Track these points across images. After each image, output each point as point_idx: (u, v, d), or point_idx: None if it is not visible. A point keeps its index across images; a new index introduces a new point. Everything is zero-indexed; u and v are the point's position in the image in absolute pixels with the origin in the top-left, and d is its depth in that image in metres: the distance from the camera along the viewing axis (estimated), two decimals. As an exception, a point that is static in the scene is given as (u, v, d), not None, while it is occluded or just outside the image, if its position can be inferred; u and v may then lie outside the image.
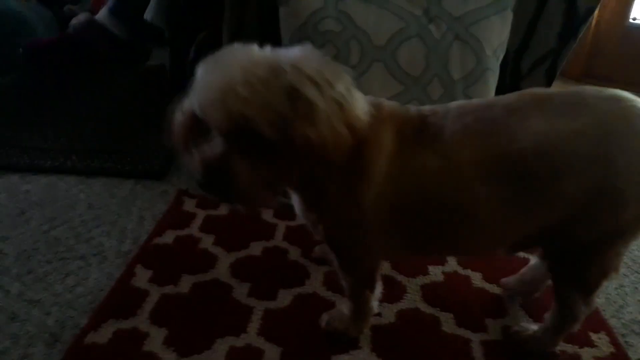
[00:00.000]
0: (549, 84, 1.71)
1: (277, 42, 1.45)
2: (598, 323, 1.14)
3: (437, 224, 0.87)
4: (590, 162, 0.77)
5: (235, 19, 1.53)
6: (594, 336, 1.09)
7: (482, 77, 1.46)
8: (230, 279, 1.14)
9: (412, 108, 0.90)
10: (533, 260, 1.16)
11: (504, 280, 1.21)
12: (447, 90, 1.43)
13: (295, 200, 0.95)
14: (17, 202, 1.38)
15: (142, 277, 1.12)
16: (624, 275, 1.34)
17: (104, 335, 0.97)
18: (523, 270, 1.18)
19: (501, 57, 1.54)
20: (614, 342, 1.08)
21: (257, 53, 0.75)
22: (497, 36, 1.49)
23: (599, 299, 1.23)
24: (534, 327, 1.05)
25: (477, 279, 1.23)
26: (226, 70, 0.71)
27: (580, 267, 0.89)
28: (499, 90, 1.52)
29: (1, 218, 1.31)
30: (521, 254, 1.33)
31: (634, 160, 0.76)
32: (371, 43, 1.40)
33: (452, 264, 1.27)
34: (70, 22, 2.16)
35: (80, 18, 2.11)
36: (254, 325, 1.02)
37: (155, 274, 1.13)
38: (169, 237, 1.26)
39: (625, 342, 1.10)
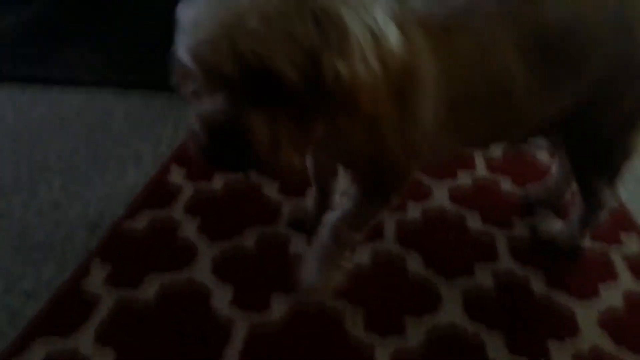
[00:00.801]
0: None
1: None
2: (629, 223, 1.12)
3: (485, 109, 0.82)
4: (613, 33, 0.77)
5: None
6: (623, 235, 1.09)
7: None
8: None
9: (416, 6, 0.79)
10: (554, 167, 1.14)
11: (529, 187, 1.20)
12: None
13: None
14: (58, 113, 1.43)
15: (176, 174, 1.16)
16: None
17: (140, 222, 1.02)
18: (546, 178, 1.17)
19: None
20: (644, 241, 1.07)
21: None
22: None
23: (634, 205, 1.21)
24: (560, 223, 1.05)
25: (506, 182, 1.22)
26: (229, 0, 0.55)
27: (604, 149, 0.89)
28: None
29: (43, 126, 1.37)
30: (545, 161, 1.30)
31: None
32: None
33: (480, 168, 1.26)
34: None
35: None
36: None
37: (189, 172, 1.17)
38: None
39: (657, 241, 1.09)
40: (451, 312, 0.87)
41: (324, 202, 1.01)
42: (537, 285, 0.94)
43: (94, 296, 0.84)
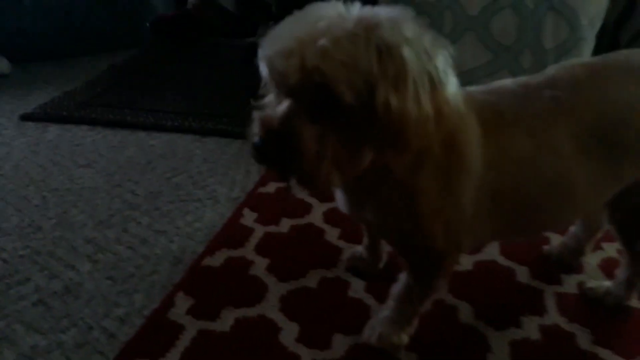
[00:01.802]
0: (649, 55, 1.67)
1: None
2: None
3: (537, 204, 0.84)
4: None
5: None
6: (674, 296, 1.12)
7: (575, 47, 1.49)
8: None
9: (472, 90, 0.82)
10: (574, 227, 1.17)
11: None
12: (538, 60, 1.47)
13: (348, 199, 0.85)
14: (144, 154, 1.60)
15: (248, 218, 1.29)
16: None
17: (217, 259, 1.14)
18: (564, 238, 1.20)
19: (598, 26, 1.54)
20: (695, 303, 1.10)
21: (346, 8, 0.65)
22: (595, 5, 1.50)
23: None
24: (608, 283, 1.09)
25: (555, 238, 1.27)
26: (308, 21, 0.63)
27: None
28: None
29: (132, 166, 1.53)
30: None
31: None
32: (464, 13, 1.47)
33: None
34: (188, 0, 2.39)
35: (198, -5, 2.34)
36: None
37: (259, 216, 1.30)
38: (271, 188, 1.42)
39: None
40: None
41: (375, 251, 1.11)
42: (583, 341, 1.00)
43: (178, 326, 0.96)
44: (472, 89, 0.84)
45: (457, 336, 0.99)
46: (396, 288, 0.92)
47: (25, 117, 1.82)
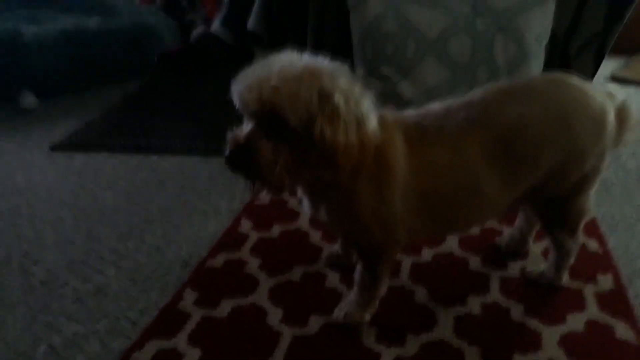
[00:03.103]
0: (597, 64, 1.88)
1: (350, 43, 1.80)
2: (607, 267, 1.36)
3: (454, 204, 1.05)
4: (558, 133, 1.02)
5: (317, 25, 1.89)
6: (600, 276, 1.32)
7: (524, 62, 1.70)
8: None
9: (405, 114, 1.05)
10: (517, 220, 1.39)
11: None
12: (492, 75, 1.69)
13: (308, 203, 1.07)
14: (157, 175, 1.86)
15: (245, 226, 1.53)
16: (652, 232, 1.53)
17: (218, 261, 1.39)
18: (511, 230, 1.42)
19: (544, 42, 1.75)
20: (616, 281, 1.31)
21: (298, 58, 0.88)
22: (538, 25, 1.71)
23: (618, 251, 1.44)
24: (543, 266, 1.31)
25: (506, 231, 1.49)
26: (266, 66, 0.85)
27: (562, 211, 1.15)
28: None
29: (147, 186, 1.79)
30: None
31: (586, 125, 1.02)
32: (424, 38, 1.69)
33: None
34: (191, 35, 2.66)
35: (199, 30, 2.61)
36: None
37: (254, 224, 1.54)
38: (266, 199, 1.66)
39: (630, 282, 1.32)
40: (443, 332, 1.17)
41: (347, 248, 1.34)
42: (516, 314, 1.22)
43: (186, 314, 1.20)
44: (407, 112, 1.09)
45: (411, 314, 1.22)
46: (356, 275, 1.15)
47: (54, 148, 2.09)
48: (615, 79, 2.94)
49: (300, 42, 1.96)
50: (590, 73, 1.89)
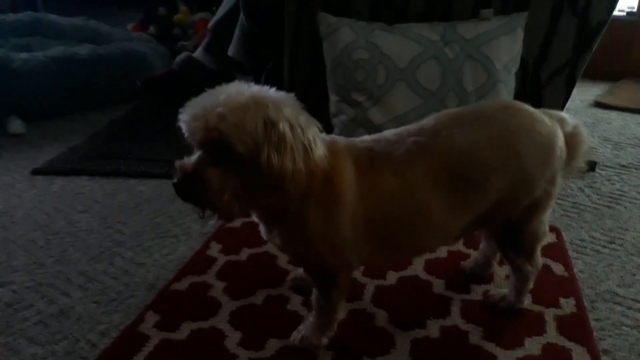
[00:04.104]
0: (569, 91, 1.91)
1: (324, 70, 1.84)
2: (570, 290, 1.37)
3: (402, 229, 1.06)
4: (505, 160, 1.04)
5: (291, 52, 1.93)
6: (562, 300, 1.33)
7: (493, 89, 1.73)
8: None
9: (357, 140, 1.08)
10: (481, 244, 1.40)
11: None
12: (462, 101, 1.72)
13: (263, 228, 1.08)
14: (133, 199, 1.88)
15: (214, 249, 1.55)
16: (617, 256, 1.54)
17: (183, 284, 1.39)
18: (476, 254, 1.44)
19: (514, 70, 1.79)
20: (578, 305, 1.31)
21: (245, 88, 0.90)
22: (507, 52, 1.75)
23: (584, 274, 1.45)
24: (505, 290, 1.31)
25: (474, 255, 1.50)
26: (213, 95, 0.88)
27: (516, 236, 1.16)
28: (521, 98, 1.74)
29: (122, 209, 1.81)
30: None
31: (534, 151, 1.04)
32: (395, 66, 1.73)
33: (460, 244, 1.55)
34: (175, 60, 2.71)
35: (182, 57, 2.66)
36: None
37: (223, 247, 1.55)
38: (237, 222, 1.68)
39: (592, 306, 1.33)
40: (399, 356, 1.17)
41: None
42: (474, 337, 1.22)
43: (145, 336, 1.21)
44: (361, 138, 1.11)
45: (369, 337, 1.22)
46: (312, 299, 1.16)
47: (35, 172, 2.11)
48: (598, 104, 2.98)
49: (278, 69, 2.00)
50: (562, 99, 1.93)
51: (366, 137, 1.11)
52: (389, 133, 1.11)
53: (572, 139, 1.12)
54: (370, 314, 1.29)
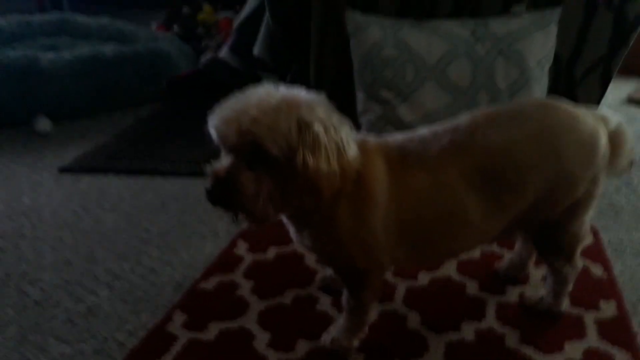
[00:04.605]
0: (604, 88, 1.85)
1: (350, 68, 1.81)
2: (611, 293, 1.31)
3: (436, 231, 1.03)
4: (544, 158, 1.00)
5: (318, 51, 1.91)
6: (602, 302, 1.28)
7: (525, 85, 1.68)
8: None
9: (389, 139, 1.05)
10: (517, 245, 1.35)
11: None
12: (493, 99, 1.67)
13: (293, 229, 1.06)
14: (160, 198, 1.88)
15: (241, 248, 1.53)
16: (659, 256, 1.48)
17: (211, 283, 1.38)
18: (511, 255, 1.38)
19: (547, 66, 1.74)
20: (620, 308, 1.26)
21: (275, 90, 0.89)
22: (540, 49, 1.70)
23: (624, 277, 1.40)
24: (542, 292, 1.27)
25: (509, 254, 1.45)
26: (244, 98, 0.87)
27: (556, 237, 1.12)
28: (554, 96, 1.70)
29: (149, 208, 1.80)
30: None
31: (574, 150, 1.00)
32: (424, 63, 1.69)
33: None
34: (200, 60, 2.70)
35: (207, 56, 2.66)
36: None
37: (250, 246, 1.53)
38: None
39: (635, 310, 1.27)
40: (432, 359, 1.13)
41: None
42: (511, 341, 1.18)
43: (173, 336, 1.19)
44: (394, 136, 1.08)
45: (402, 339, 1.19)
46: (343, 301, 1.13)
47: (63, 170, 2.12)
48: (632, 101, 2.89)
49: (304, 68, 1.97)
50: (597, 96, 1.87)
51: (398, 135, 1.08)
52: (422, 131, 1.07)
53: (615, 138, 1.07)
54: (402, 315, 1.26)
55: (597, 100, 1.88)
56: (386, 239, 1.00)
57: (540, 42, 1.69)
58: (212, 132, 0.89)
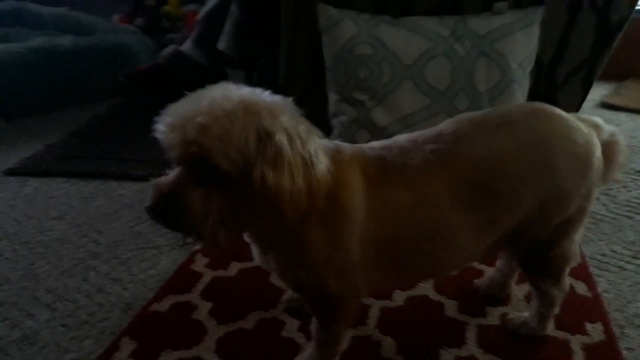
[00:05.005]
0: (585, 92, 1.77)
1: (322, 65, 1.68)
2: (597, 314, 1.23)
3: (419, 252, 0.92)
4: (537, 172, 0.90)
5: (288, 47, 1.78)
6: (588, 326, 1.19)
7: (507, 89, 1.59)
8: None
9: (365, 148, 0.93)
10: (498, 262, 1.26)
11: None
12: (473, 102, 1.58)
13: (256, 251, 0.94)
14: (112, 204, 1.72)
15: (200, 263, 1.39)
16: (644, 274, 1.40)
17: (164, 305, 1.24)
18: (492, 272, 1.29)
19: (529, 68, 1.65)
20: (607, 332, 1.17)
21: (233, 91, 0.76)
22: (522, 50, 1.61)
23: (609, 294, 1.31)
24: (526, 314, 1.17)
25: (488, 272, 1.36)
26: (195, 101, 0.74)
27: (544, 257, 1.02)
28: (534, 100, 1.60)
29: (100, 216, 1.65)
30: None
31: (569, 162, 0.90)
32: (401, 63, 1.58)
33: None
34: (160, 53, 2.54)
35: (169, 49, 2.49)
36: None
37: (210, 261, 1.40)
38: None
39: (622, 332, 1.19)
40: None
41: None
42: (494, 371, 1.08)
43: (119, 369, 1.06)
44: (370, 144, 0.96)
45: (376, 369, 1.07)
46: (312, 329, 1.01)
47: (8, 172, 1.95)
48: (605, 105, 2.84)
49: (272, 63, 1.84)
50: (578, 101, 1.80)
51: (375, 144, 0.96)
52: (401, 139, 0.96)
53: (608, 148, 0.98)
54: (376, 341, 1.14)
55: (578, 105, 1.80)
56: (363, 262, 0.89)
57: (522, 42, 1.60)
58: (159, 139, 0.76)
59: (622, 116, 2.69)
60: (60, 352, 1.12)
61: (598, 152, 0.94)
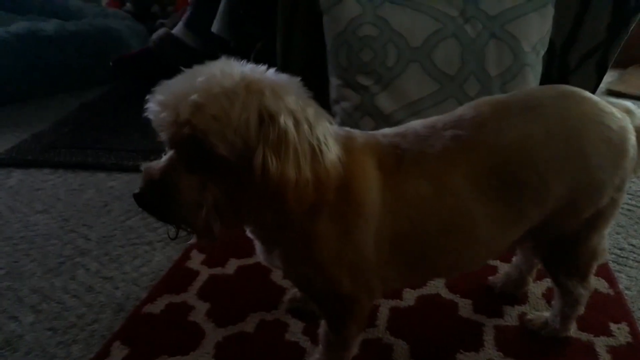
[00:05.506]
0: (600, 77, 1.69)
1: (323, 48, 1.59)
2: (621, 314, 1.15)
3: (439, 247, 0.85)
4: (567, 160, 0.81)
5: (286, 28, 1.68)
6: (613, 326, 1.11)
7: (520, 73, 1.50)
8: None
9: (379, 135, 0.86)
10: (515, 257, 1.18)
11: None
12: (484, 87, 1.49)
13: (260, 247, 0.87)
14: (102, 196, 1.63)
15: (196, 260, 1.30)
16: (667, 269, 1.33)
17: (158, 306, 1.15)
18: (508, 269, 1.20)
19: (542, 52, 1.56)
20: (633, 332, 1.10)
21: (235, 68, 0.69)
22: (536, 32, 1.52)
23: (631, 292, 1.24)
24: (547, 314, 1.09)
25: (503, 267, 1.28)
26: (190, 77, 0.67)
27: (571, 254, 0.94)
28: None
29: (89, 209, 1.56)
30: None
31: (602, 150, 0.82)
32: (407, 45, 1.48)
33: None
34: (151, 37, 2.44)
35: (160, 33, 2.38)
36: None
37: (207, 258, 1.31)
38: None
39: (649, 332, 1.12)
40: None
41: None
42: (516, 376, 1.00)
43: (110, 377, 0.97)
44: (382, 131, 0.88)
45: (390, 376, 0.99)
46: (320, 333, 0.93)
47: (-8, 163, 1.85)
48: (611, 92, 2.78)
49: (269, 47, 1.74)
50: (592, 86, 1.71)
51: (388, 130, 0.88)
52: (416, 124, 0.87)
53: None
54: (386, 345, 1.06)
55: (592, 91, 1.70)
56: (378, 258, 0.81)
57: (536, 25, 1.51)
58: (150, 117, 0.69)
59: (628, 103, 2.62)
60: (46, 358, 1.03)
61: (633, 139, 0.86)
